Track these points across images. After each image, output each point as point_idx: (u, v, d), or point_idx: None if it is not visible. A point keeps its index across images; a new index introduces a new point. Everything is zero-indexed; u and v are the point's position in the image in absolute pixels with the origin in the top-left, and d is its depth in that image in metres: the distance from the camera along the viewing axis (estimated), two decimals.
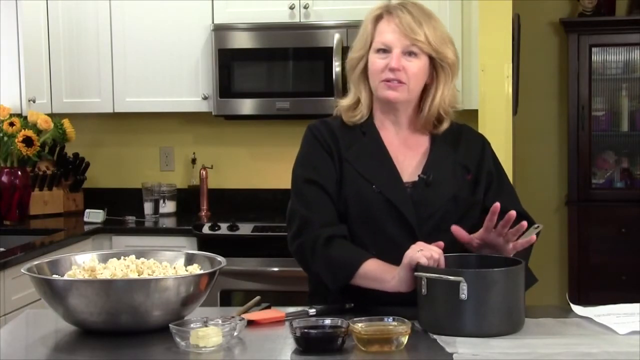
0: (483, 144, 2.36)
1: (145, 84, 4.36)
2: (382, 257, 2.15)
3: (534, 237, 2.10)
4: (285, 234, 2.28)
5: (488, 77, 3.75)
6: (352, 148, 2.26)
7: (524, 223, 2.06)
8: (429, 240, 2.09)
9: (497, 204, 2.07)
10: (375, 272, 2.12)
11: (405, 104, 2.26)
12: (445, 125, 2.28)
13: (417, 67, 2.20)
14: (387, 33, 2.20)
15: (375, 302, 2.12)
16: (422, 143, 2.31)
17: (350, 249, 2.19)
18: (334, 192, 2.23)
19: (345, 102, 2.32)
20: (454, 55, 2.25)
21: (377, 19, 2.24)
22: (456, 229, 2.12)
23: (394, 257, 2.09)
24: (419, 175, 2.24)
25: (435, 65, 2.23)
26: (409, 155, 2.29)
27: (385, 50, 2.21)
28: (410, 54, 2.20)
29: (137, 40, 4.35)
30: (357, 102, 2.30)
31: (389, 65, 2.19)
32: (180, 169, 4.73)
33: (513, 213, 2.06)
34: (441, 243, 2.07)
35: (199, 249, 3.82)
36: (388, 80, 2.20)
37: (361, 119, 2.29)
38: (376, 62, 2.22)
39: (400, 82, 2.20)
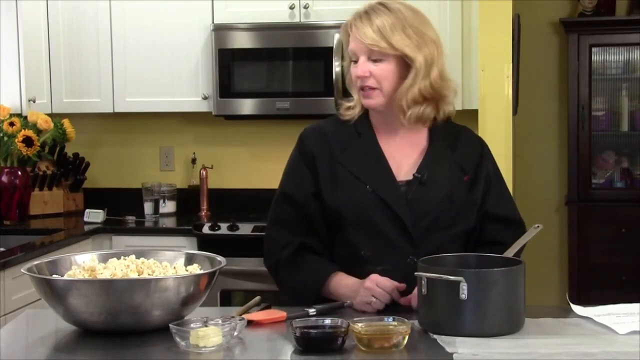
0: (482, 147, 2.37)
1: (145, 84, 4.36)
2: (377, 257, 2.19)
3: None
4: None
5: (488, 77, 3.74)
6: (346, 150, 2.28)
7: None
8: (424, 239, 2.10)
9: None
10: (337, 294, 2.21)
11: (387, 106, 2.25)
12: (410, 113, 2.21)
13: (384, 70, 2.21)
14: (351, 42, 2.24)
15: None
16: (420, 142, 2.31)
17: (310, 270, 2.24)
18: (308, 205, 2.26)
19: (349, 102, 2.34)
20: (426, 56, 2.20)
21: (348, 29, 2.25)
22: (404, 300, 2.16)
23: (389, 256, 2.13)
24: (413, 174, 2.25)
25: (407, 64, 2.22)
26: (405, 154, 2.29)
27: (355, 60, 2.24)
28: (375, 59, 2.20)
29: (137, 40, 4.35)
30: (356, 103, 2.32)
31: (356, 74, 2.22)
32: (180, 169, 4.73)
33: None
34: (402, 285, 2.13)
35: (199, 249, 3.81)
36: (362, 89, 2.23)
37: (353, 119, 2.30)
38: (351, 71, 2.26)
39: (371, 88, 2.22)
